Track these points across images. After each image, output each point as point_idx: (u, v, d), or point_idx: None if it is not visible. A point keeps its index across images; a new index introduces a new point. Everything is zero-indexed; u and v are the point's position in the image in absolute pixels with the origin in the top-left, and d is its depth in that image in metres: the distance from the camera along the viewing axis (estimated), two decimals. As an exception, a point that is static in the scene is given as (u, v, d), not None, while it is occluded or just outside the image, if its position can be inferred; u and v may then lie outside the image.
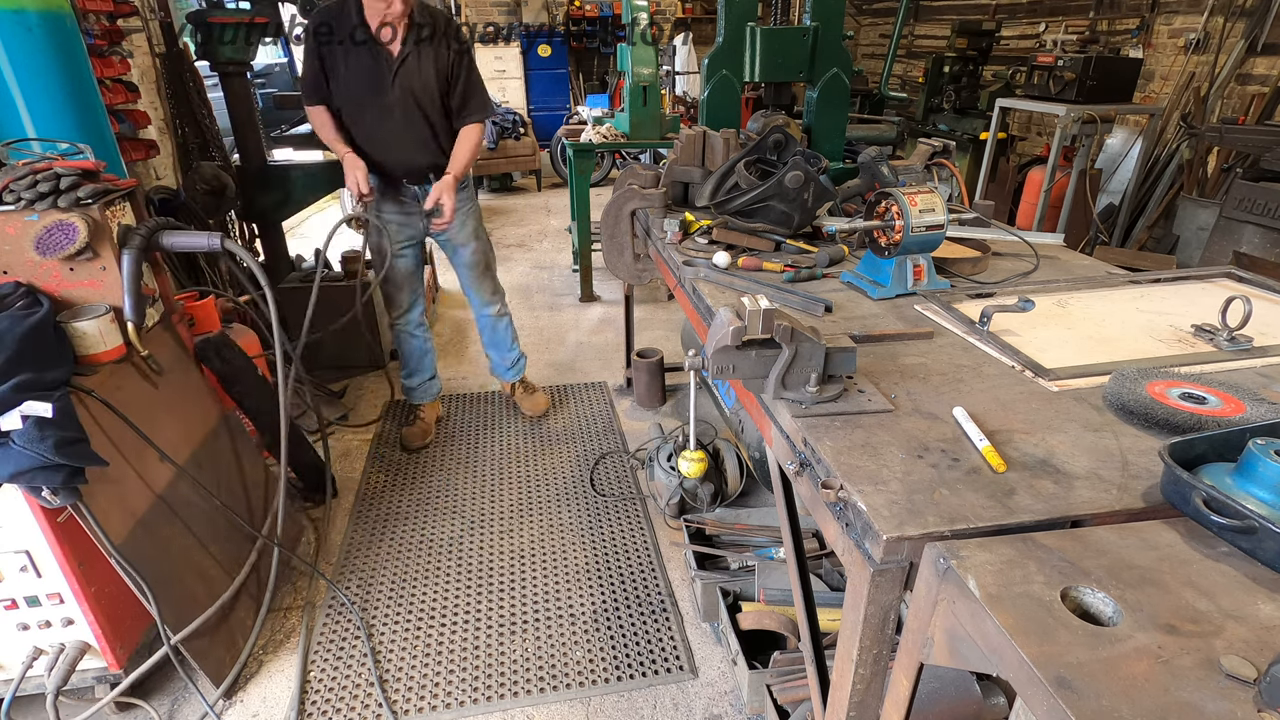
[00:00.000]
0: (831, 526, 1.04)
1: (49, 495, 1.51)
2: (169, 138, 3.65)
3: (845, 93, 3.14)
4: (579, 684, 1.97)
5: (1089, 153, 4.77)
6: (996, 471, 1.01)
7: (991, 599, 0.76)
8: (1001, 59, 6.81)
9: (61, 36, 2.15)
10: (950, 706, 1.52)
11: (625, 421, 3.31)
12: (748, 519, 2.34)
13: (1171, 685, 0.65)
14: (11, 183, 1.67)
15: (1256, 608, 0.75)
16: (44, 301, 1.66)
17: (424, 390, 3.20)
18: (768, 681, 1.76)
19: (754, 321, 1.13)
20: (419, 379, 3.18)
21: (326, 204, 6.97)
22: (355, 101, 2.61)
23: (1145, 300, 1.70)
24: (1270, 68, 4.68)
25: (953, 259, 1.92)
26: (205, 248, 1.86)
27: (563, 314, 4.61)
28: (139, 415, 1.80)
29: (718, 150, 2.30)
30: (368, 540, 2.54)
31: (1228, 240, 3.82)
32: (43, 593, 1.69)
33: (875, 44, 9.70)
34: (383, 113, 2.60)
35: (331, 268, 3.97)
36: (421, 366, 3.15)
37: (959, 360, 1.38)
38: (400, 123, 2.63)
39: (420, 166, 2.74)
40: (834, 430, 1.13)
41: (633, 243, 2.46)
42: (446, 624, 2.18)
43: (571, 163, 4.41)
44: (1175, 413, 1.09)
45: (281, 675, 2.02)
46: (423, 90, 2.61)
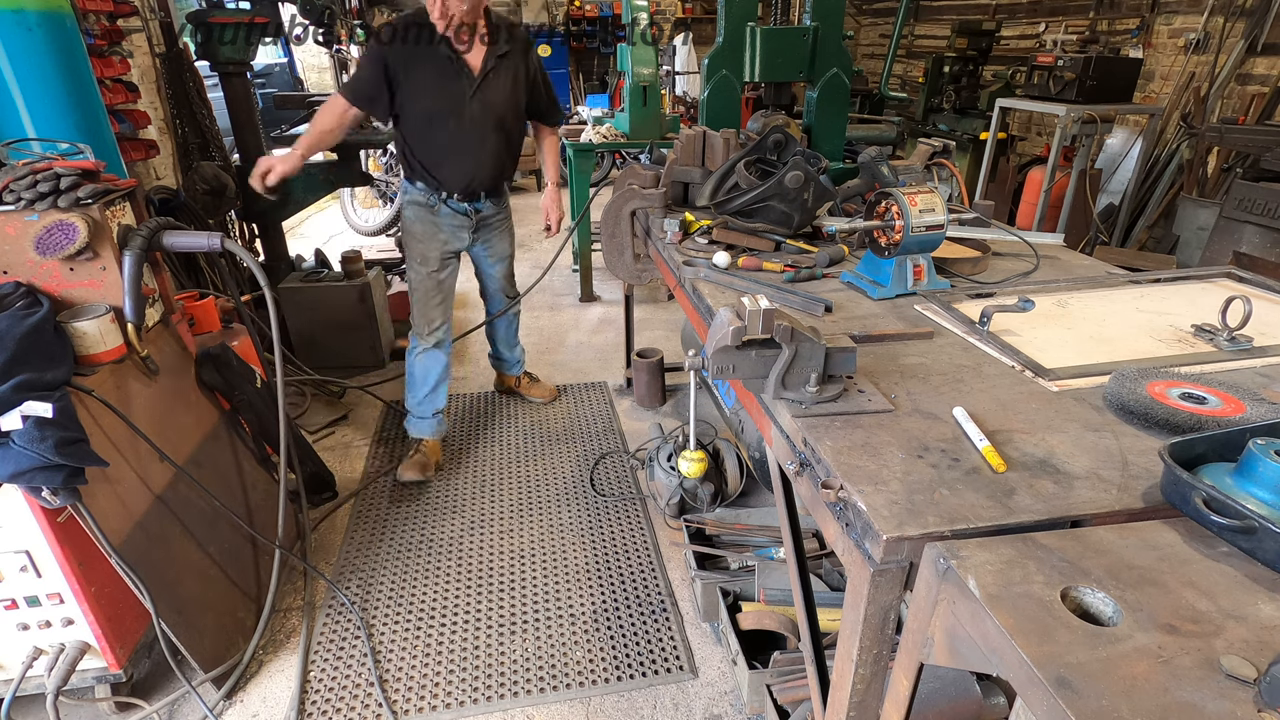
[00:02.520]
0: (831, 526, 1.04)
1: (49, 495, 1.51)
2: (169, 138, 3.65)
3: (845, 93, 3.14)
4: (579, 684, 1.97)
5: (1089, 153, 4.77)
6: (996, 471, 1.01)
7: (991, 599, 0.76)
8: (1001, 59, 6.81)
9: (61, 36, 2.15)
10: (950, 706, 1.52)
11: (625, 421, 3.31)
12: (748, 519, 2.34)
13: (1171, 685, 0.65)
14: (11, 183, 1.67)
15: (1256, 608, 0.75)
16: (44, 301, 1.66)
17: (435, 422, 2.92)
18: (768, 681, 1.76)
19: (754, 321, 1.13)
20: (431, 405, 2.89)
21: (327, 204, 6.98)
22: (427, 115, 2.55)
23: (1145, 300, 1.70)
24: (1270, 68, 4.68)
25: (953, 259, 1.92)
26: (205, 248, 1.86)
27: (563, 314, 4.61)
28: (139, 415, 1.80)
29: (718, 150, 2.30)
30: (368, 540, 2.54)
31: (1228, 240, 3.82)
32: (43, 593, 1.69)
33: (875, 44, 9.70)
34: (459, 128, 2.56)
35: (331, 267, 3.97)
36: (439, 391, 2.89)
37: (959, 360, 1.38)
38: (475, 139, 2.60)
39: (489, 182, 2.73)
40: (834, 430, 1.13)
41: (633, 243, 2.46)
42: (446, 624, 2.18)
43: (571, 163, 4.41)
44: (1175, 413, 1.09)
45: (281, 675, 2.02)
46: (506, 108, 2.61)
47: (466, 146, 2.60)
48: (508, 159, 2.75)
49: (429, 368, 2.85)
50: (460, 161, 2.62)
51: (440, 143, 2.59)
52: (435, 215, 2.73)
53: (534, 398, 3.46)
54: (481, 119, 2.57)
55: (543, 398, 3.46)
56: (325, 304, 3.62)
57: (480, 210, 2.80)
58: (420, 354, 2.84)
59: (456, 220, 2.76)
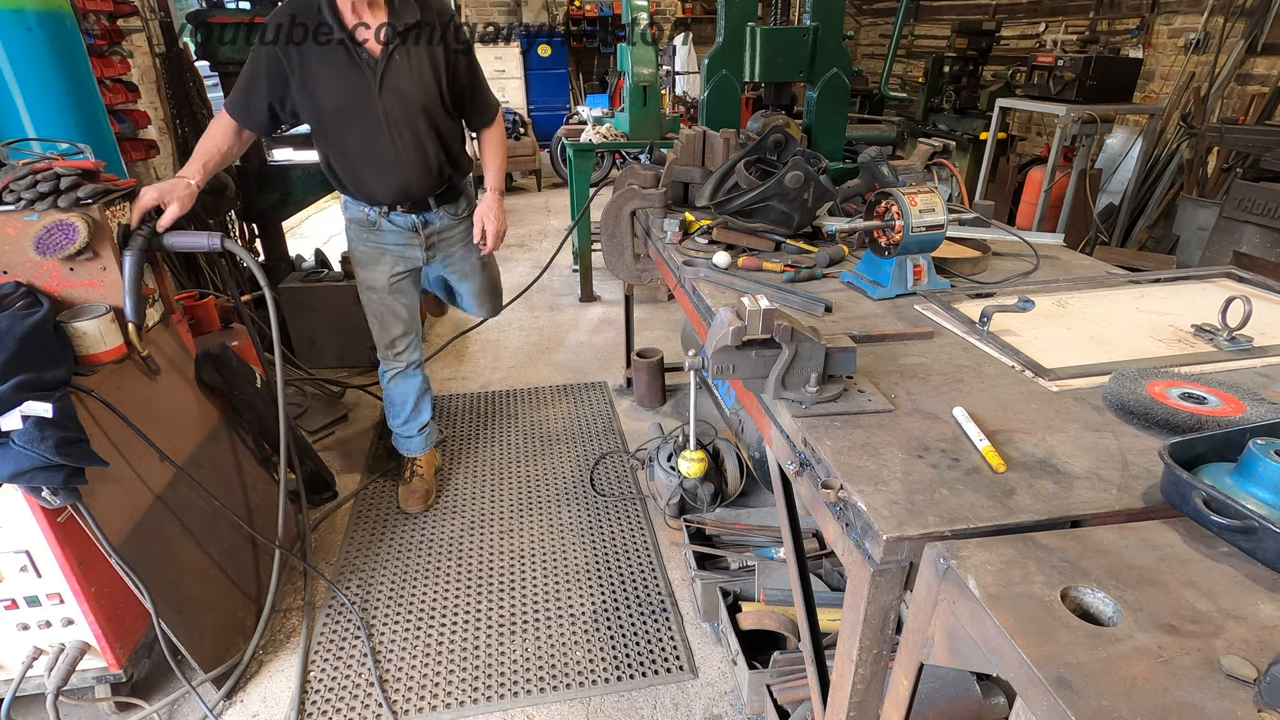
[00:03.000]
0: (831, 526, 1.04)
1: (49, 495, 1.51)
2: (169, 138, 3.66)
3: (845, 93, 3.14)
4: (579, 684, 1.97)
5: (1089, 153, 4.77)
6: (996, 471, 1.01)
7: (991, 599, 0.76)
8: (1001, 59, 6.81)
9: (61, 36, 2.15)
10: (950, 706, 1.52)
11: (625, 421, 3.31)
12: (748, 519, 2.34)
13: (1171, 685, 0.65)
14: (11, 183, 1.67)
15: (1256, 608, 0.75)
16: (44, 301, 1.66)
17: (424, 438, 2.69)
18: (768, 681, 1.76)
19: (754, 321, 1.13)
20: (417, 423, 2.66)
21: (326, 204, 6.98)
22: (334, 117, 2.11)
23: (1145, 300, 1.70)
24: (1270, 68, 4.68)
25: (953, 259, 1.92)
26: (205, 248, 1.86)
27: (563, 314, 4.61)
28: (139, 415, 1.80)
29: (718, 150, 2.30)
30: (368, 540, 2.54)
31: (1228, 240, 3.82)
32: (43, 593, 1.69)
33: (875, 44, 9.70)
34: (371, 128, 2.12)
35: (331, 267, 3.97)
36: (421, 408, 2.65)
37: (959, 360, 1.38)
38: (391, 139, 2.14)
39: (419, 190, 2.27)
40: (834, 430, 1.13)
41: (633, 243, 2.46)
42: (446, 624, 2.18)
43: (571, 163, 4.41)
44: (1175, 413, 1.09)
45: (281, 675, 2.02)
46: (418, 97, 2.13)
47: (385, 150, 2.15)
48: (445, 159, 2.28)
49: (405, 391, 2.60)
50: (382, 169, 2.18)
51: (354, 148, 2.16)
52: (377, 233, 2.33)
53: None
54: (399, 115, 2.12)
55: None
56: (325, 304, 3.62)
57: (430, 223, 2.37)
58: (393, 378, 2.57)
59: (403, 237, 2.35)
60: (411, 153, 2.19)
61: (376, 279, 2.41)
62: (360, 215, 2.32)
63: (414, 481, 2.70)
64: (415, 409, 2.63)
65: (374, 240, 2.35)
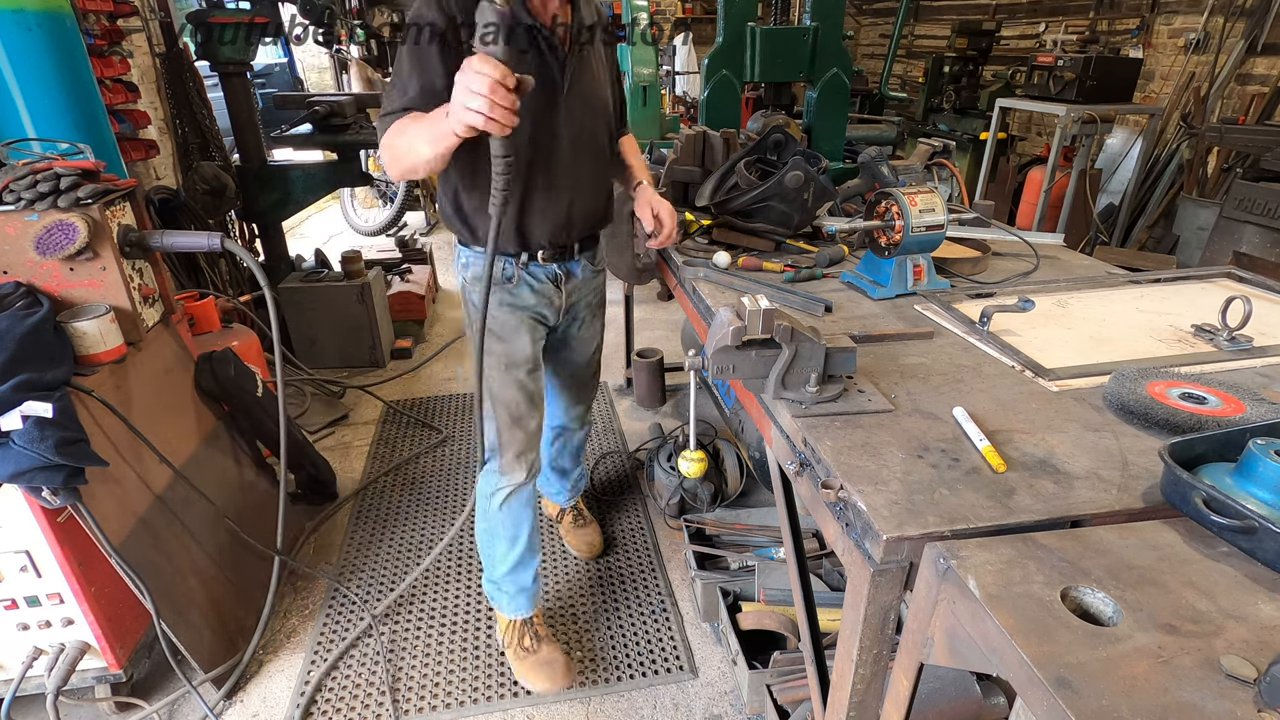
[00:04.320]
0: (831, 526, 1.04)
1: (49, 495, 1.51)
2: (169, 138, 3.66)
3: (845, 93, 3.14)
4: (579, 684, 1.97)
5: (1089, 153, 4.78)
6: (996, 471, 1.01)
7: (991, 599, 0.76)
8: (1001, 59, 6.81)
9: (61, 36, 2.15)
10: (950, 706, 1.52)
11: (625, 421, 3.31)
12: (748, 519, 2.34)
13: (1171, 685, 0.65)
14: (11, 183, 1.67)
15: (1256, 608, 0.75)
16: (44, 301, 1.66)
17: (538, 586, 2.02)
18: (768, 681, 1.76)
19: (754, 321, 1.13)
20: (532, 568, 1.96)
21: (327, 204, 6.97)
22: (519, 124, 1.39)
23: (1145, 300, 1.70)
24: (1270, 68, 4.68)
25: (953, 259, 1.92)
26: (205, 248, 1.86)
27: (563, 314, 4.60)
28: (139, 415, 1.80)
29: (718, 150, 2.30)
30: (368, 540, 2.54)
31: (1228, 240, 3.82)
32: (43, 593, 1.69)
33: (875, 44, 9.69)
34: (553, 142, 1.59)
35: (331, 267, 3.97)
36: (535, 544, 1.95)
37: (959, 360, 1.38)
38: (570, 153, 1.62)
39: (584, 225, 1.75)
40: (834, 430, 1.13)
41: (633, 243, 2.46)
42: (446, 624, 2.18)
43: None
44: (1175, 413, 1.09)
45: (282, 675, 2.02)
46: (600, 104, 1.69)
47: (562, 170, 1.63)
48: (604, 190, 1.82)
49: (520, 517, 1.87)
50: (550, 195, 1.64)
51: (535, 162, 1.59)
52: (514, 294, 1.73)
53: (572, 548, 2.43)
54: (584, 123, 1.64)
55: (585, 552, 2.41)
56: (325, 304, 3.62)
57: (572, 274, 1.80)
58: (508, 498, 1.84)
59: (540, 296, 1.76)
60: (588, 173, 1.70)
61: (518, 353, 1.75)
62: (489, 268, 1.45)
63: (537, 653, 1.95)
64: (529, 546, 1.92)
65: (511, 302, 1.73)
